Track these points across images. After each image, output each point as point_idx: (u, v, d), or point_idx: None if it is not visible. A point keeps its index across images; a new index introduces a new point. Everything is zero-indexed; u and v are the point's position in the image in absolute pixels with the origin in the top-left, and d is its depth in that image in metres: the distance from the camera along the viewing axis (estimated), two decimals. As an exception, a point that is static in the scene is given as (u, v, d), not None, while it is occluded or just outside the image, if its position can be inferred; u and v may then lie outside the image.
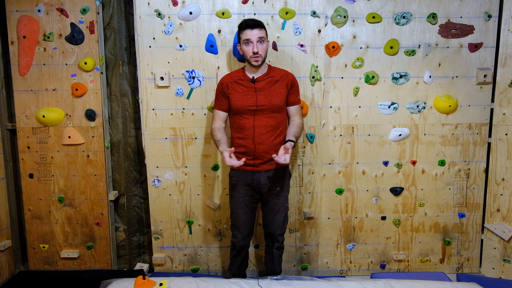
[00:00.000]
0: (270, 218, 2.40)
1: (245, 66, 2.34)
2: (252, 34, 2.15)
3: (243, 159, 2.11)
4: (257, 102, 2.24)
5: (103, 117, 2.70)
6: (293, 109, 2.35)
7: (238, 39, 2.25)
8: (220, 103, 2.33)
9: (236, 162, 2.09)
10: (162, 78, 2.58)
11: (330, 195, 2.79)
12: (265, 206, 2.41)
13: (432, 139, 2.74)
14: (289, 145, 2.15)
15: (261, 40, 2.18)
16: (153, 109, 2.63)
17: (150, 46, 2.55)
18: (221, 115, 2.35)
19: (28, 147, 2.72)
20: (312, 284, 2.15)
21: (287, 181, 2.42)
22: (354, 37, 2.62)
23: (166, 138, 2.66)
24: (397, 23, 2.61)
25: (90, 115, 2.68)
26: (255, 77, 2.27)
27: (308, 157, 2.71)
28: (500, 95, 2.65)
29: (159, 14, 2.52)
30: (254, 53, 2.16)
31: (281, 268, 2.57)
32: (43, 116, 2.66)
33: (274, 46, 2.58)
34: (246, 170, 2.30)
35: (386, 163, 2.77)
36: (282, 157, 2.11)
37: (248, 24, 2.16)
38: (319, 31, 2.58)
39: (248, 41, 2.17)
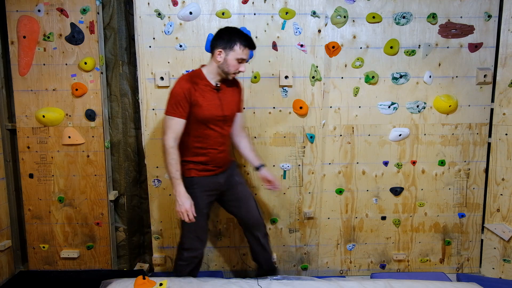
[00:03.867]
0: (245, 208, 2.36)
1: (202, 68, 2.17)
2: (248, 55, 2.16)
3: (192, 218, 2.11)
4: (224, 111, 2.16)
5: (103, 117, 2.70)
6: (240, 117, 2.34)
7: (228, 45, 2.07)
8: (182, 111, 2.05)
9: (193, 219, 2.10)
10: (162, 78, 2.58)
11: (330, 195, 2.79)
12: (233, 200, 2.36)
13: (432, 139, 2.74)
14: (269, 175, 2.34)
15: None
16: (153, 109, 2.63)
17: (150, 46, 2.55)
18: (180, 125, 2.07)
19: (28, 147, 2.72)
20: (312, 284, 2.15)
21: (238, 169, 2.48)
22: (354, 37, 2.62)
23: (166, 138, 2.66)
24: (397, 23, 2.61)
25: (90, 115, 2.68)
26: (218, 85, 2.18)
27: (308, 157, 2.71)
28: (500, 95, 2.65)
29: (159, 14, 2.52)
30: (239, 71, 2.14)
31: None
32: (43, 116, 2.66)
33: (274, 46, 2.58)
34: (206, 175, 2.21)
35: (386, 163, 2.77)
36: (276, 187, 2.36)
37: (251, 45, 2.12)
38: (319, 31, 2.58)
39: (241, 60, 2.10)
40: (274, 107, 2.65)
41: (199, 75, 2.13)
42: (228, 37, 2.08)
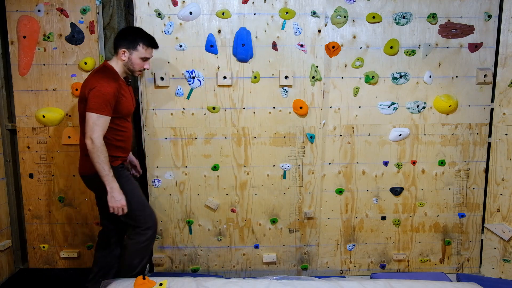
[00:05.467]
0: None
1: (112, 65, 2.23)
2: (152, 54, 2.30)
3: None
4: (134, 105, 2.35)
5: (103, 117, 2.70)
6: None
7: (132, 45, 2.20)
8: (110, 108, 2.11)
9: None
10: (162, 78, 2.58)
11: (330, 195, 2.79)
12: None
13: (432, 139, 2.74)
14: (134, 159, 2.63)
15: None
16: (153, 109, 2.63)
17: (150, 46, 2.55)
18: (108, 122, 2.11)
19: (28, 147, 2.72)
20: (312, 284, 2.15)
21: None
22: (354, 37, 2.62)
23: (166, 138, 2.67)
24: (397, 23, 2.61)
25: (90, 115, 2.68)
26: (130, 81, 2.35)
27: (308, 157, 2.71)
28: (500, 95, 2.65)
29: (159, 14, 2.52)
30: (144, 69, 2.30)
31: None
32: (43, 116, 2.66)
33: (274, 46, 2.58)
34: (125, 161, 2.38)
35: (386, 163, 2.77)
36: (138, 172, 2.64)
37: (155, 44, 2.28)
38: (319, 31, 2.58)
39: (146, 58, 2.26)
40: (274, 107, 2.65)
41: (115, 73, 2.22)
42: (132, 38, 2.23)
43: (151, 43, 2.26)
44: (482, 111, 2.71)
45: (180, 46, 2.56)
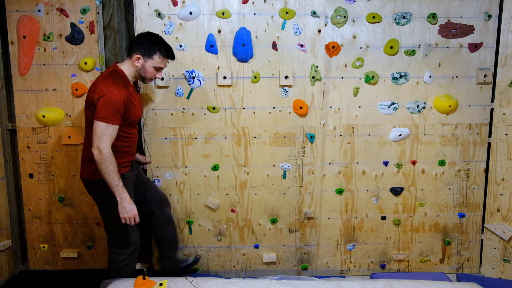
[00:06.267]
0: (154, 188, 2.57)
1: (122, 69, 2.15)
2: (167, 64, 2.26)
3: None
4: (142, 111, 2.32)
5: (103, 117, 2.70)
6: None
7: (148, 53, 2.13)
8: (119, 117, 2.04)
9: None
10: (162, 78, 2.57)
11: (330, 195, 2.79)
12: (143, 185, 2.48)
13: (432, 139, 2.74)
14: (141, 157, 2.65)
15: None
16: (153, 109, 2.63)
17: (150, 46, 2.55)
18: (116, 131, 2.04)
19: (28, 147, 2.72)
20: (312, 284, 2.15)
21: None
22: (354, 37, 2.63)
23: (166, 138, 2.67)
24: (397, 23, 2.61)
25: (90, 115, 2.68)
26: (139, 87, 2.32)
27: (308, 157, 2.71)
28: (500, 95, 2.65)
29: (159, 14, 2.52)
30: (155, 78, 2.24)
31: None
32: (43, 116, 2.66)
33: (274, 46, 2.58)
34: (130, 170, 2.29)
35: (386, 163, 2.77)
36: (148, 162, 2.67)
37: (171, 55, 2.23)
38: (319, 31, 2.58)
39: (160, 68, 2.20)
40: (274, 107, 2.65)
41: (125, 78, 2.13)
42: (149, 45, 2.14)
43: (168, 53, 2.19)
44: (482, 111, 2.72)
45: (180, 46, 2.56)
